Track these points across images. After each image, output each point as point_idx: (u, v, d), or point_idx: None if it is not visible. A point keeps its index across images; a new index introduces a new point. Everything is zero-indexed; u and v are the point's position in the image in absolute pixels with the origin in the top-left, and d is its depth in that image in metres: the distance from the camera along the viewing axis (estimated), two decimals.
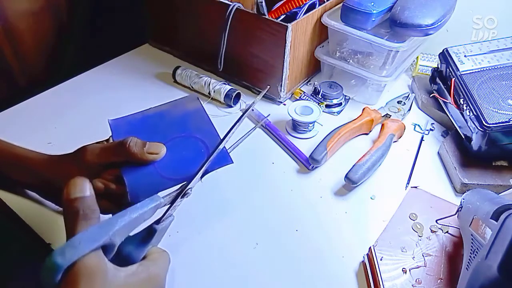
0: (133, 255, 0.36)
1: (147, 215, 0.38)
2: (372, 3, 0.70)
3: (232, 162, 0.44)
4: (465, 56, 0.69)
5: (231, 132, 0.45)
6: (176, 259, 0.50)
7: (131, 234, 0.37)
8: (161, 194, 0.40)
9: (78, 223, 0.32)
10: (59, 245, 0.30)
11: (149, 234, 0.38)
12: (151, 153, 0.43)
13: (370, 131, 0.73)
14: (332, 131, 0.67)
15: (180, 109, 0.50)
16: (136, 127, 0.48)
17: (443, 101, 0.72)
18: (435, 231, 0.53)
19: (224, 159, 0.45)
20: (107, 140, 0.48)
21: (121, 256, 0.35)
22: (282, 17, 0.76)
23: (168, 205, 0.40)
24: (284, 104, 0.78)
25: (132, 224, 0.35)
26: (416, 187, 0.60)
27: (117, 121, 0.49)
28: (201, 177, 0.43)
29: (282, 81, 0.74)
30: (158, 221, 0.39)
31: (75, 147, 0.48)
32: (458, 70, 0.67)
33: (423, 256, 0.50)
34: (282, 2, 0.77)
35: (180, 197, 0.41)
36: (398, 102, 0.77)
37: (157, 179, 0.43)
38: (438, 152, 0.70)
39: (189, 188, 0.42)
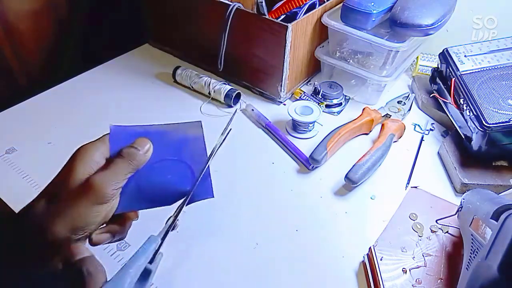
0: None
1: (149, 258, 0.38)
2: (372, 3, 0.70)
3: (213, 197, 0.44)
4: (465, 56, 0.69)
5: (211, 158, 0.45)
6: (176, 258, 0.50)
7: None
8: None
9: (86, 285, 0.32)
10: None
11: (144, 277, 0.38)
12: (136, 147, 0.42)
13: (370, 131, 0.73)
14: (332, 131, 0.67)
15: (181, 133, 0.49)
16: (133, 139, 0.48)
17: (443, 101, 0.72)
18: (435, 231, 0.53)
19: (206, 192, 0.45)
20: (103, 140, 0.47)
21: None
22: (282, 17, 0.76)
23: (159, 243, 0.40)
24: (284, 104, 0.78)
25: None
26: (416, 187, 0.60)
27: (118, 129, 0.47)
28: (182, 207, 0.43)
29: (282, 81, 0.74)
30: (151, 261, 0.39)
31: (76, 147, 0.47)
32: (458, 70, 0.67)
33: (423, 256, 0.50)
34: (282, 2, 0.77)
35: (170, 230, 0.41)
36: (398, 102, 0.77)
37: (134, 199, 0.42)
38: (438, 152, 0.70)
39: (177, 220, 0.42)
